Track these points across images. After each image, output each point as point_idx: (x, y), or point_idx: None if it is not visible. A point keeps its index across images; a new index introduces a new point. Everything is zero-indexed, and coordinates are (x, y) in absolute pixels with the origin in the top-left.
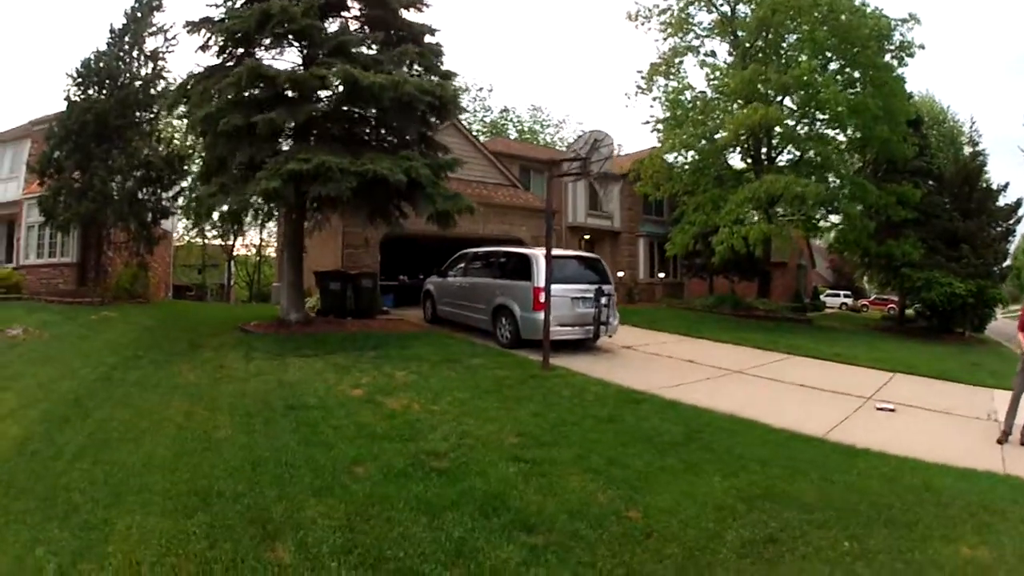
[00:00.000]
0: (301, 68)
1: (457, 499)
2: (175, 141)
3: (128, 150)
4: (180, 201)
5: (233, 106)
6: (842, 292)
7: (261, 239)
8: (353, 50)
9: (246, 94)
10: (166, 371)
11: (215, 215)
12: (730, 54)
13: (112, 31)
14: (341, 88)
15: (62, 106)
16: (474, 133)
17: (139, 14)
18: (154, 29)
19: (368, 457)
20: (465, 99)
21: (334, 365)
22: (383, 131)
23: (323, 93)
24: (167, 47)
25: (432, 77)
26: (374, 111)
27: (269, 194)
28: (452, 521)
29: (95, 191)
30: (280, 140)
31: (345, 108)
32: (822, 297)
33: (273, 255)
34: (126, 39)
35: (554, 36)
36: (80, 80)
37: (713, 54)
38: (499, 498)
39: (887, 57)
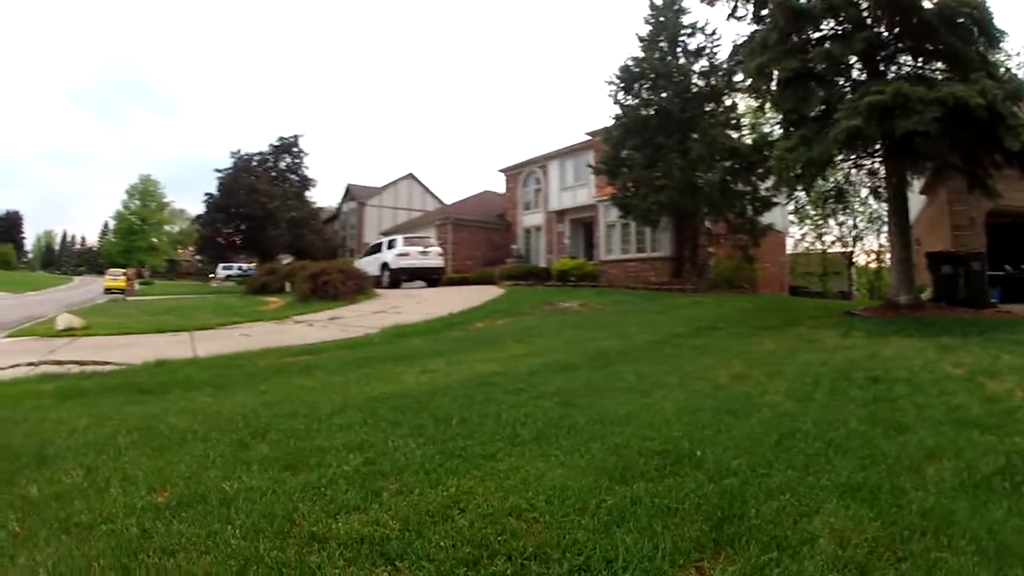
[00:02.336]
0: None
1: None
2: (762, 128)
3: (705, 140)
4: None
5: (784, 54)
6: None
7: (880, 245)
8: None
9: (794, 39)
10: (741, 341)
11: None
12: None
13: (641, 39)
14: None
15: (605, 115)
16: None
17: (661, 19)
18: (689, 30)
19: (948, 451)
20: None
21: (938, 344)
22: (938, 62)
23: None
24: (711, 42)
25: None
26: (925, 45)
27: (852, 134)
28: None
29: (675, 181)
30: (849, 83)
31: (895, 40)
32: None
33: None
34: (660, 43)
35: None
36: (623, 85)
37: None
38: None
39: None
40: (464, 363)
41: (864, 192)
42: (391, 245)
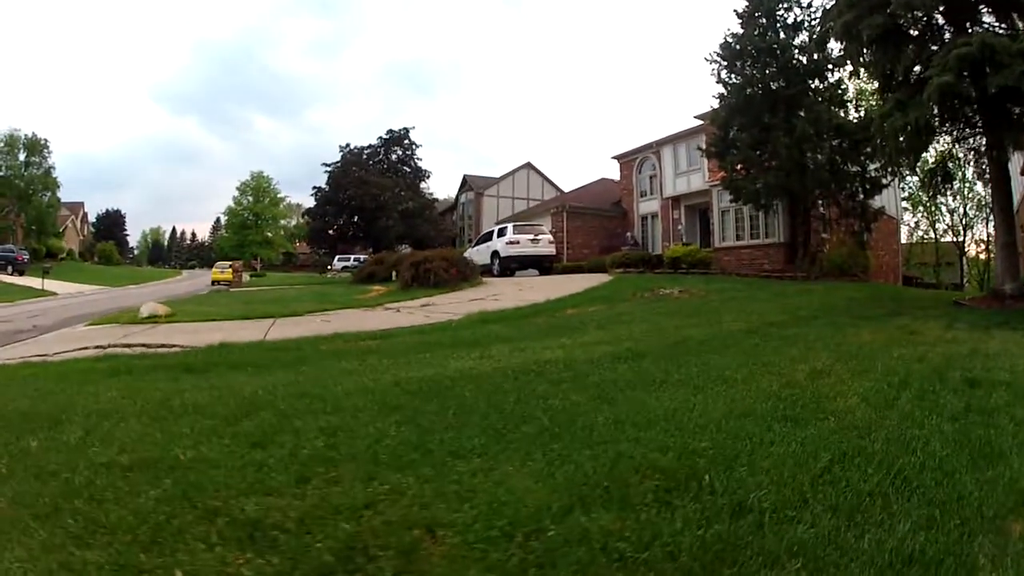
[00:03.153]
0: None
1: None
2: (871, 104)
3: (810, 117)
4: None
5: (868, 11)
6: None
7: (988, 234)
8: None
9: None
10: (838, 331)
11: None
12: None
13: (739, 15)
14: None
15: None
16: None
17: None
18: (786, 4)
19: None
20: None
21: None
22: (1016, 14)
23: None
24: (808, 15)
25: None
26: None
27: (944, 92)
28: None
29: (781, 160)
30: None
31: None
32: None
33: None
34: (758, 18)
35: None
36: (725, 63)
37: None
38: None
39: None
40: (528, 349)
41: (970, 172)
42: (501, 233)
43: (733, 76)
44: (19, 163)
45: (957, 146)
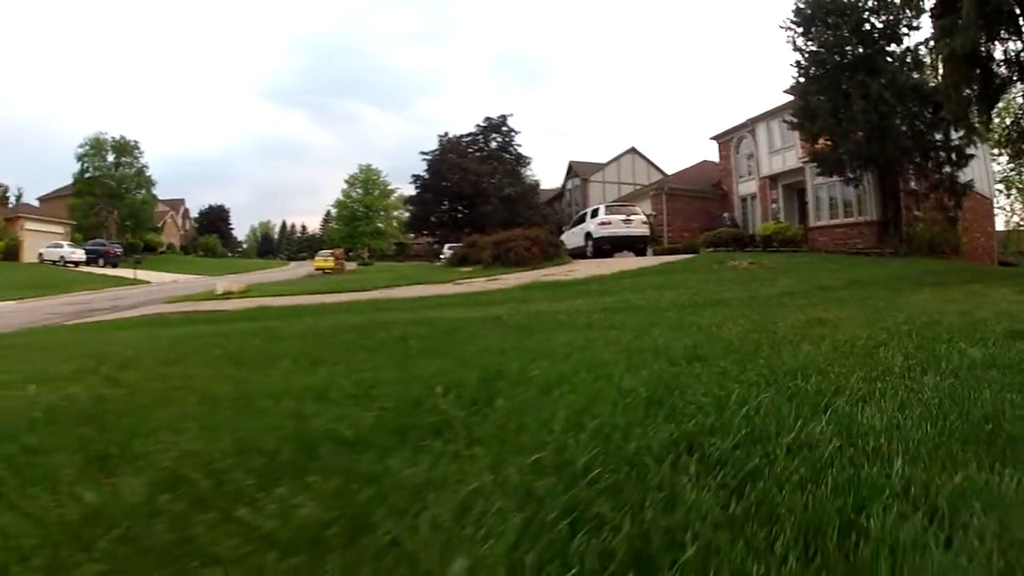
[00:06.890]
0: None
1: None
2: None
3: (885, 79)
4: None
5: None
6: None
7: None
8: None
9: None
10: (891, 292)
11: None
12: None
13: None
14: None
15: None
16: None
17: None
18: None
19: None
20: None
21: None
22: None
23: None
24: None
25: None
26: None
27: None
28: None
29: (859, 124)
30: None
31: None
32: None
33: None
34: None
35: None
36: (801, 28)
37: None
38: None
39: None
40: (536, 306)
41: None
42: (594, 214)
43: (808, 42)
44: (108, 164)
45: None
